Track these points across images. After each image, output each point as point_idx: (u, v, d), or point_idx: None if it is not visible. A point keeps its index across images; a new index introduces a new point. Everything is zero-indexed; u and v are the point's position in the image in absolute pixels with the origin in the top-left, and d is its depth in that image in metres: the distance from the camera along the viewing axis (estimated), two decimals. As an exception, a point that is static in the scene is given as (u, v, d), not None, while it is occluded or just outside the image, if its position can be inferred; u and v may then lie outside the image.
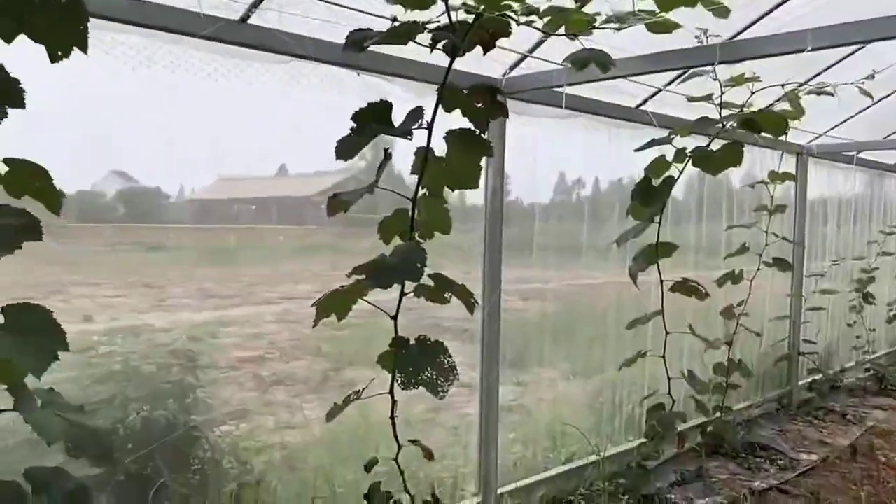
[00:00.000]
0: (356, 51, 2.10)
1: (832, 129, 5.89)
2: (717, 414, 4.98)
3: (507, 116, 2.46)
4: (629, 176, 4.51)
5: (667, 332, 3.97)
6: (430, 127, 2.20)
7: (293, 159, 3.33)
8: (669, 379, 4.07)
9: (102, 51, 2.19)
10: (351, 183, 2.61)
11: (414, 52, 2.99)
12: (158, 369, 2.86)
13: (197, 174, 3.08)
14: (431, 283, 2.29)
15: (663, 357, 4.02)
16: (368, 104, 2.17)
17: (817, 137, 6.07)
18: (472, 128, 2.31)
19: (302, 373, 3.41)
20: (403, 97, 2.96)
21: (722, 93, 3.57)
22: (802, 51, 2.71)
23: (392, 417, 2.45)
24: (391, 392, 2.37)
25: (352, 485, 3.17)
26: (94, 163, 2.69)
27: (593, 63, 2.42)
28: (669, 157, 3.60)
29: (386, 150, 2.24)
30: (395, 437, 2.48)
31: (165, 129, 2.63)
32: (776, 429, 5.75)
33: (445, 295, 2.38)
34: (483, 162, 2.34)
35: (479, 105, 2.34)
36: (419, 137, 2.18)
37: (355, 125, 2.15)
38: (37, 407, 1.65)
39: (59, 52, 1.68)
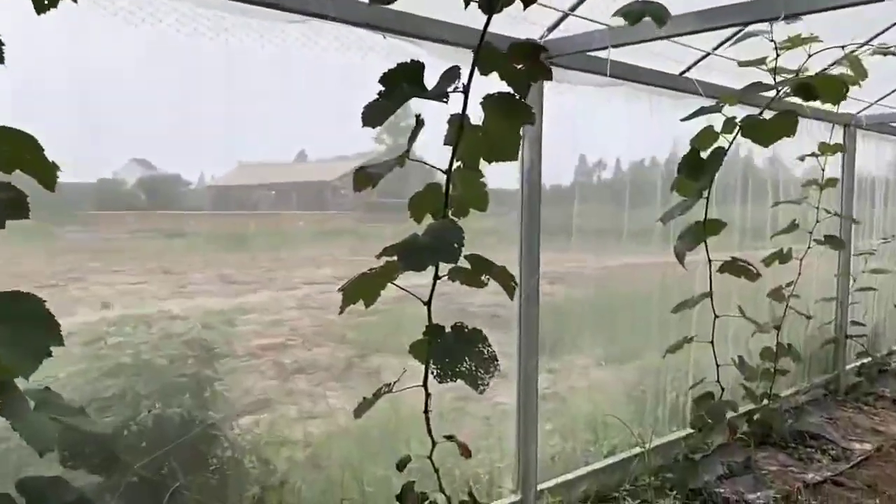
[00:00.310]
0: (383, 2, 1.86)
1: (884, 97, 5.52)
2: (765, 401, 4.71)
3: (551, 78, 2.21)
4: (673, 150, 4.24)
5: (716, 316, 3.70)
6: (466, 90, 1.96)
7: (311, 144, 3.21)
8: (718, 366, 3.80)
9: (101, 6, 1.97)
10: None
11: (444, 12, 2.76)
12: (172, 361, 2.69)
13: (216, 161, 2.97)
14: (467, 266, 2.07)
15: (712, 343, 3.75)
16: (398, 64, 1.94)
17: (869, 107, 5.70)
18: (512, 92, 2.07)
19: (325, 360, 3.28)
20: (432, 62, 2.72)
21: (777, 55, 3.27)
22: (883, -1, 2.41)
23: (426, 412, 2.24)
24: (425, 384, 2.16)
25: (382, 482, 2.98)
26: (111, 146, 2.54)
27: (648, 16, 2.17)
28: (716, 128, 3.34)
29: (418, 116, 2.01)
30: (430, 433, 2.28)
31: (177, 98, 2.43)
32: (825, 416, 5.45)
33: (483, 278, 2.16)
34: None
35: (519, 67, 2.10)
36: (450, 106, 1.95)
37: (384, 88, 1.92)
38: (29, 409, 1.45)
39: (46, 2, 1.48)
